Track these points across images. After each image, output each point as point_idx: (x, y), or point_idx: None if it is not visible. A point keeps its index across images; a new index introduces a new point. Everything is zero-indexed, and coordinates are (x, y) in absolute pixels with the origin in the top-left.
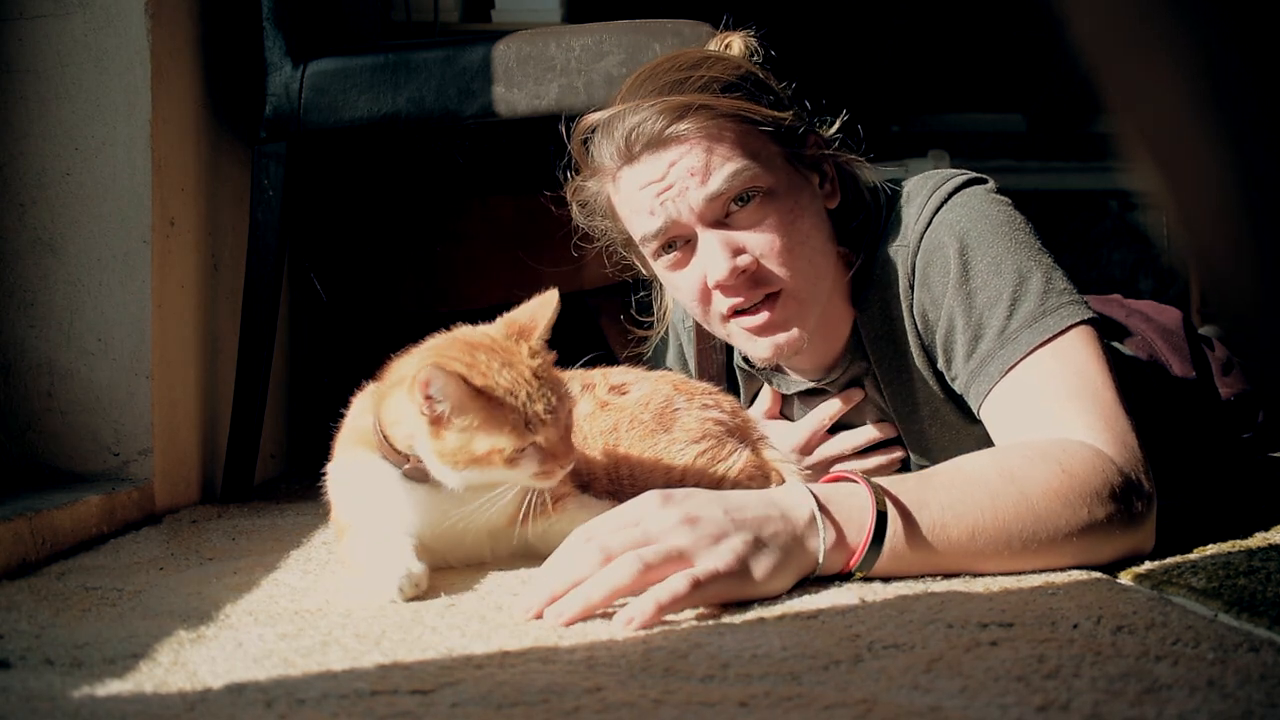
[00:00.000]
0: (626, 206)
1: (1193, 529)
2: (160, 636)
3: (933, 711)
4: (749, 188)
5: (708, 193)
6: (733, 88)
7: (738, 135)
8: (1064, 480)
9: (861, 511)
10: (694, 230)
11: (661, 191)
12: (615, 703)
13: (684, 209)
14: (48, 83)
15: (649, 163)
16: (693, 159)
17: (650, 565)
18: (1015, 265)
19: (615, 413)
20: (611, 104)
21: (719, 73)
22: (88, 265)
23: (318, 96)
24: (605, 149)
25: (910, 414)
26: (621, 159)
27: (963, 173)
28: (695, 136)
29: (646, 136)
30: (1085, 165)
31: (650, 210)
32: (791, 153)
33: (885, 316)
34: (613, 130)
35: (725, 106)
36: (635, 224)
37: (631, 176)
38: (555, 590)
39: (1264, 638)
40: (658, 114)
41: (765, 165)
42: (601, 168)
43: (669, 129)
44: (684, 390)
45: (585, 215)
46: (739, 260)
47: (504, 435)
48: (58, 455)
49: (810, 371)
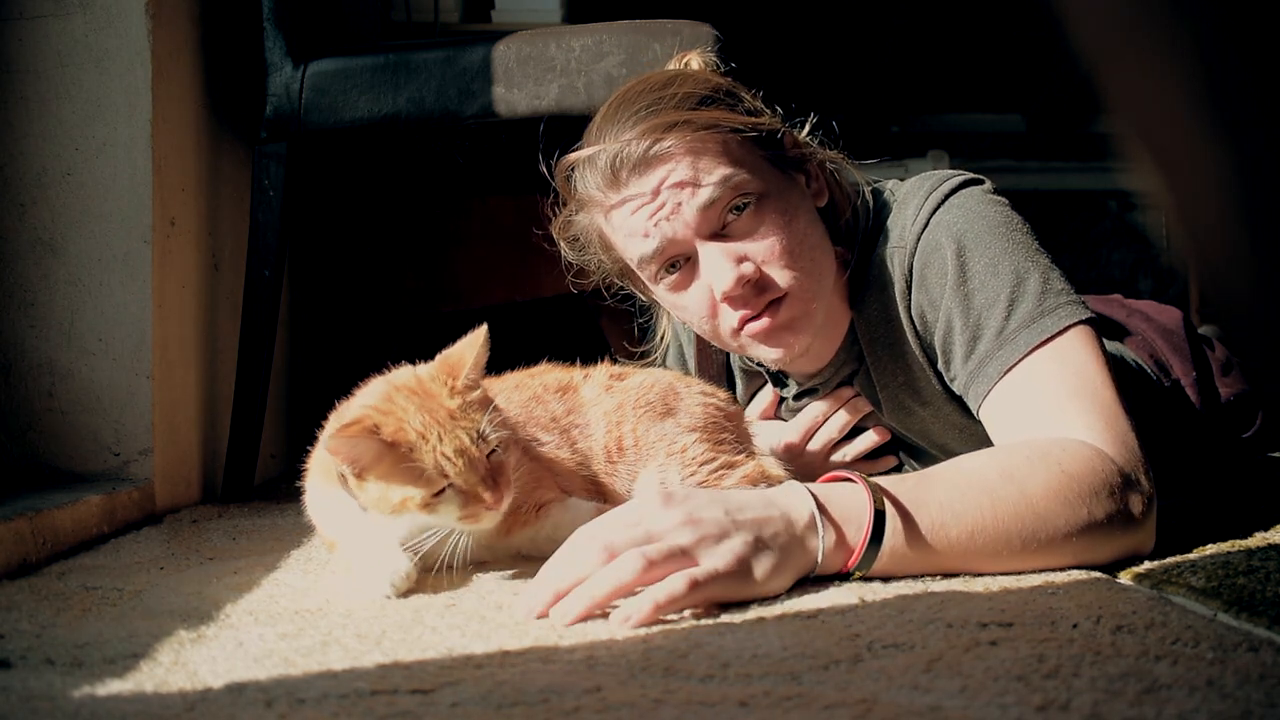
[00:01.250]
0: (620, 233)
1: (1192, 529)
2: (161, 636)
3: (933, 711)
4: (740, 193)
5: (700, 203)
6: (708, 100)
7: (721, 145)
8: (1064, 480)
9: (860, 511)
10: (693, 246)
11: (654, 212)
12: (615, 703)
13: (679, 226)
14: (48, 83)
15: (637, 185)
16: (680, 174)
17: (653, 562)
18: (1013, 266)
19: (620, 394)
20: (588, 137)
21: (691, 88)
22: (88, 265)
23: (318, 97)
24: (591, 180)
25: (908, 415)
26: (608, 187)
27: (960, 173)
28: (679, 152)
29: (631, 160)
30: (1085, 165)
31: (645, 232)
32: (774, 155)
33: (883, 318)
34: (596, 161)
35: (704, 119)
36: (631, 248)
37: (620, 201)
38: (559, 588)
39: (1263, 637)
40: (640, 136)
41: (752, 170)
42: (589, 199)
43: (652, 149)
44: (683, 380)
45: (577, 251)
46: (743, 268)
47: (413, 484)
48: (58, 455)
49: (803, 373)
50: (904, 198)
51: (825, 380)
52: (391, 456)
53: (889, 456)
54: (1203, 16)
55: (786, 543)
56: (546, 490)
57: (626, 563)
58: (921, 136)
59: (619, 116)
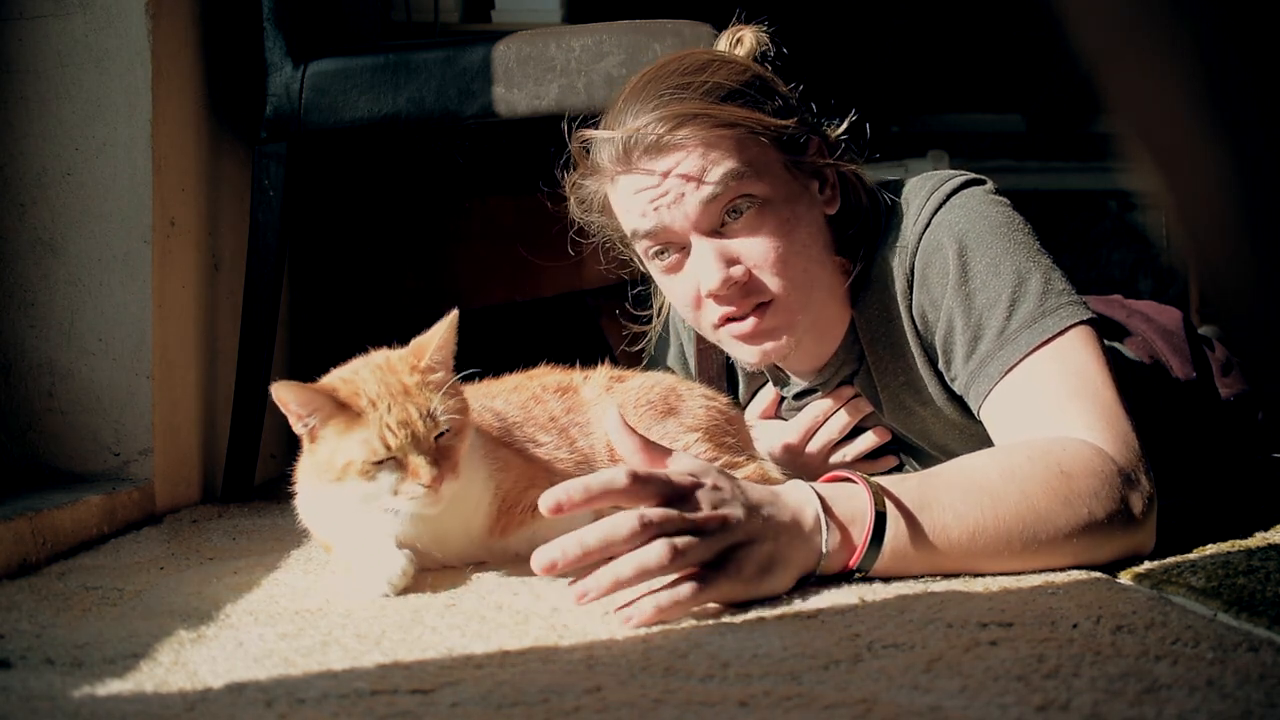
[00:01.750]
0: (620, 205)
1: (1193, 529)
2: (161, 636)
3: (933, 711)
4: (742, 195)
5: (702, 197)
6: (735, 95)
7: (736, 142)
8: (1064, 479)
9: (862, 512)
10: (688, 238)
11: (657, 198)
12: (615, 703)
13: (678, 216)
14: (48, 83)
15: (646, 168)
16: (689, 165)
17: (679, 552)
18: (1014, 266)
19: (621, 394)
20: (613, 104)
21: (723, 78)
22: (88, 265)
23: (318, 97)
24: (605, 151)
25: (908, 415)
26: (620, 164)
27: (961, 173)
28: (692, 144)
29: (645, 143)
30: (1085, 165)
31: (643, 213)
32: (792, 160)
33: (884, 318)
34: (615, 129)
35: (725, 116)
36: (628, 221)
37: (628, 181)
38: (588, 545)
39: (1263, 637)
40: (658, 121)
41: (762, 172)
42: (600, 169)
43: (667, 136)
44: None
45: (583, 211)
46: (732, 271)
47: (356, 445)
48: (58, 455)
49: (802, 373)
50: (905, 197)
51: (826, 380)
52: (342, 419)
53: (889, 456)
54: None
55: (792, 542)
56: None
57: (654, 551)
58: (921, 136)
59: (645, 94)
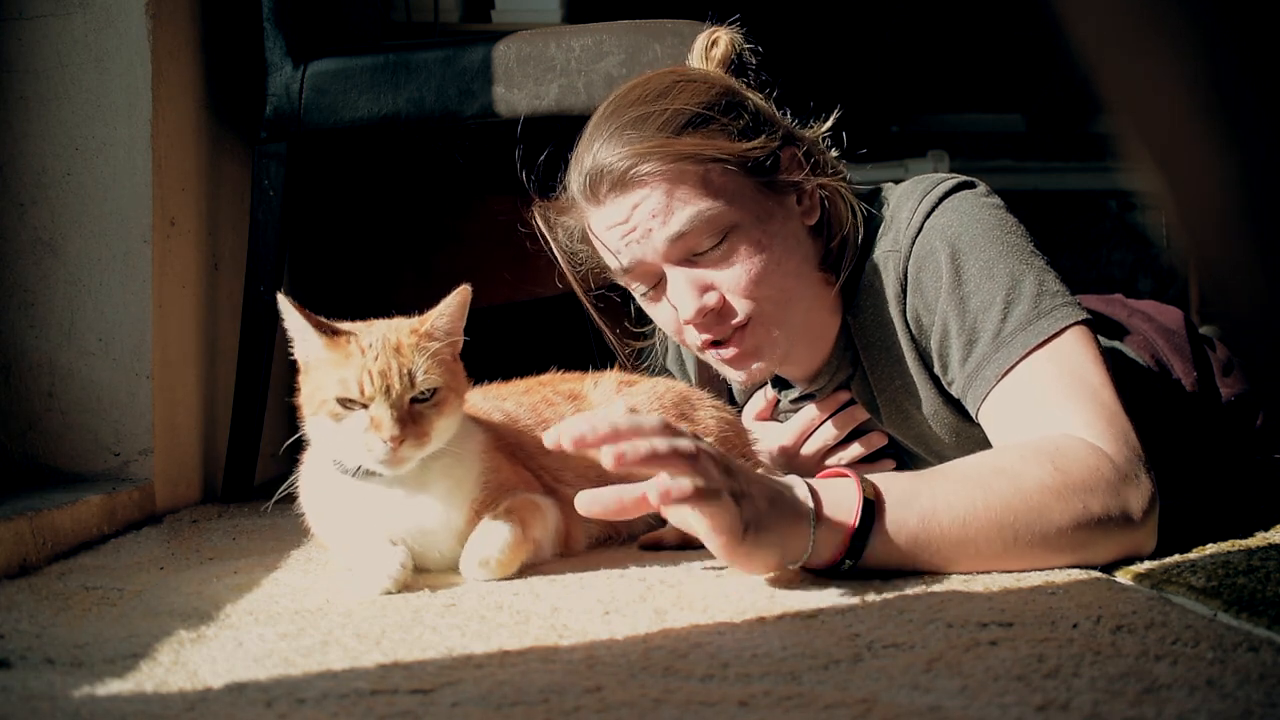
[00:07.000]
0: (597, 241)
1: (1193, 529)
2: (161, 636)
3: (932, 711)
4: (711, 228)
5: (669, 234)
6: (698, 120)
7: (701, 173)
8: (1058, 474)
9: (850, 501)
10: (661, 270)
11: (627, 233)
12: (615, 703)
13: (649, 251)
14: (48, 83)
15: (612, 205)
16: (653, 202)
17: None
18: (1008, 268)
19: (631, 397)
20: (583, 135)
21: (685, 102)
22: (88, 265)
23: (318, 97)
24: (576, 184)
25: (905, 419)
26: (589, 198)
27: (953, 176)
28: (656, 178)
29: (609, 180)
30: (1085, 165)
31: (616, 250)
32: (764, 181)
33: (878, 322)
34: (582, 163)
35: (685, 150)
36: (606, 259)
37: (598, 216)
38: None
39: (1263, 637)
40: (619, 158)
41: (731, 200)
42: (575, 203)
43: (630, 171)
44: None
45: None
46: (705, 299)
47: (334, 381)
48: (58, 455)
49: (797, 379)
50: (898, 202)
51: (821, 385)
52: (332, 355)
53: (887, 459)
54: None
55: (784, 515)
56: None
57: (685, 440)
58: (921, 136)
59: (609, 125)
